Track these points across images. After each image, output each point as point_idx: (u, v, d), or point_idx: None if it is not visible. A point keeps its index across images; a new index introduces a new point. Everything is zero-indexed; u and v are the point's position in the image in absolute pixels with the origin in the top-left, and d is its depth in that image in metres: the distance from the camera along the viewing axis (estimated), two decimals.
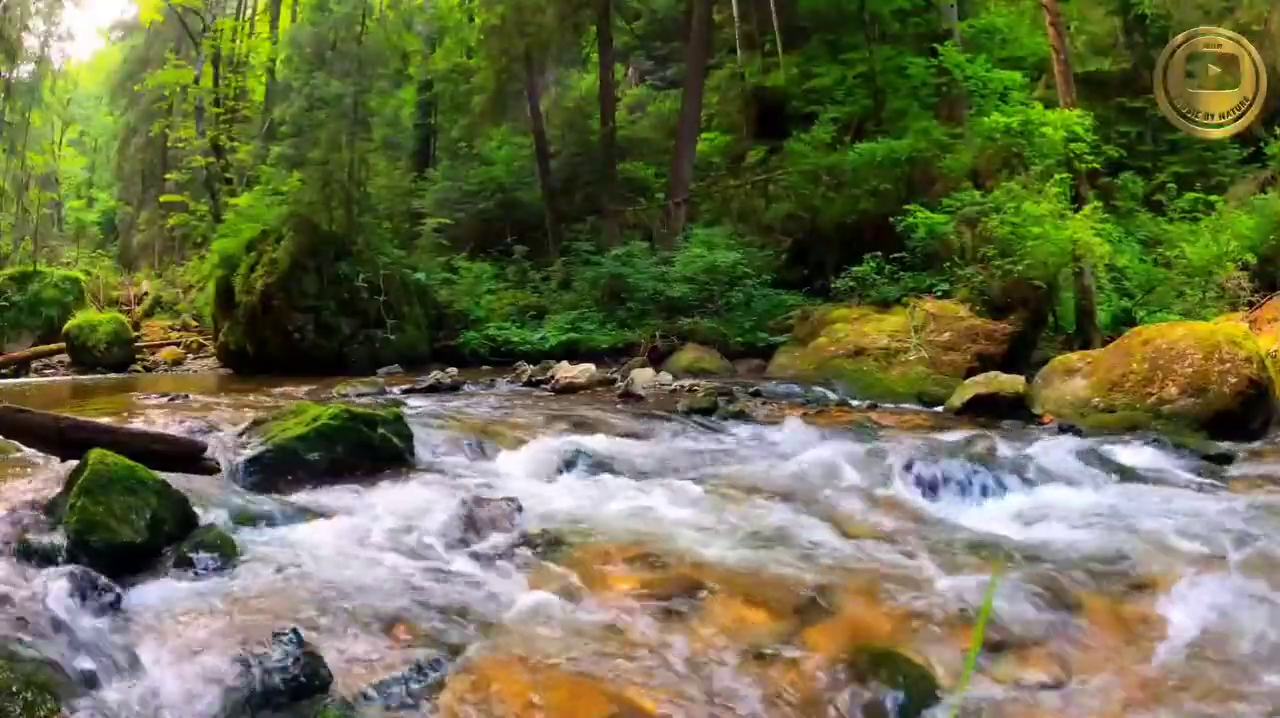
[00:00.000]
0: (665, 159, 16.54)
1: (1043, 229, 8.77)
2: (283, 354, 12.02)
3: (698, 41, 15.83)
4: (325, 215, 12.99)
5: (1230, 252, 9.38)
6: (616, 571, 3.04)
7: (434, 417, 5.95)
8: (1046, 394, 6.67)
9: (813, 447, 5.15)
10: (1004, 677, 2.32)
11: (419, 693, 2.15)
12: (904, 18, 14.39)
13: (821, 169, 12.93)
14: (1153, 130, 13.39)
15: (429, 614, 2.60)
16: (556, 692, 2.15)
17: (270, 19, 24.92)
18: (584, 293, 13.59)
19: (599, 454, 4.73)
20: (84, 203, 33.01)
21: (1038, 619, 2.64)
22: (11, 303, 18.88)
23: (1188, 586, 2.83)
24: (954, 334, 8.87)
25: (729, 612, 2.66)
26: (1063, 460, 4.71)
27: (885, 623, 2.62)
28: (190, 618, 2.51)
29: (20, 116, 24.19)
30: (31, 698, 1.96)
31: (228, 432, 4.95)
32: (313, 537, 3.32)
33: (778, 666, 2.33)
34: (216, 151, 21.50)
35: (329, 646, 2.33)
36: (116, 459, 3.11)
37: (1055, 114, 9.68)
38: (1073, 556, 3.18)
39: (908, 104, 13.08)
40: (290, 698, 2.04)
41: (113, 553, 2.83)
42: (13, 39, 22.98)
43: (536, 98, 17.75)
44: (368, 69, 14.26)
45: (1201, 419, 5.74)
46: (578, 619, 2.61)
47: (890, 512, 3.89)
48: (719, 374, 9.80)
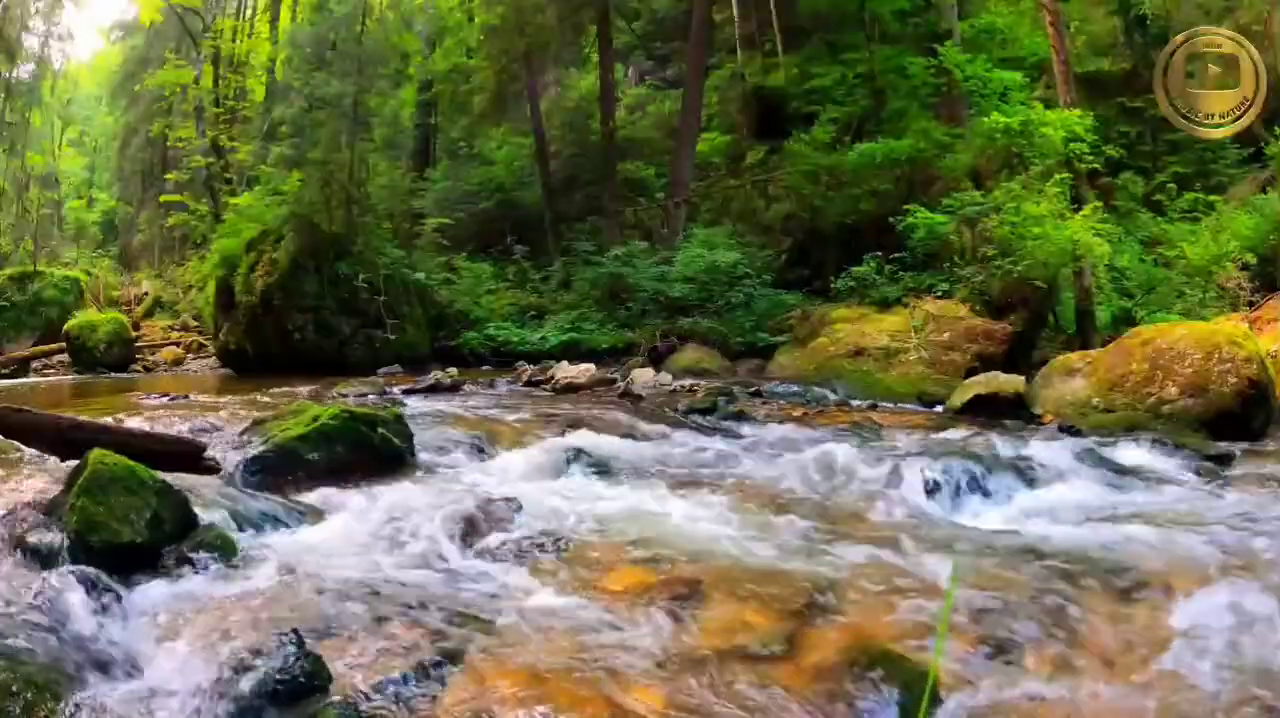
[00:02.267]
0: (665, 159, 16.54)
1: (1043, 229, 8.77)
2: (283, 354, 12.02)
3: (698, 41, 15.83)
4: (325, 215, 12.99)
5: (1230, 252, 9.39)
6: (617, 570, 3.04)
7: (434, 417, 5.96)
8: (1046, 394, 6.66)
9: (812, 447, 5.15)
10: (1003, 677, 2.31)
11: (419, 693, 2.15)
12: (904, 18, 14.41)
13: (821, 169, 12.93)
14: (1153, 130, 13.40)
15: (429, 614, 2.60)
16: (556, 692, 2.15)
17: (270, 19, 24.92)
18: (584, 293, 13.60)
19: (599, 454, 4.73)
20: (84, 203, 32.99)
21: (1037, 619, 2.64)
22: (11, 303, 18.89)
23: (1188, 586, 2.83)
24: (954, 334, 8.87)
25: (729, 612, 2.66)
26: (1063, 460, 4.71)
27: (885, 623, 2.62)
28: (190, 618, 2.51)
29: (20, 116, 24.19)
30: (31, 698, 1.96)
31: (228, 432, 4.95)
32: (313, 537, 3.32)
33: (778, 666, 2.33)
34: (216, 151, 21.49)
35: (329, 646, 2.33)
36: (117, 459, 3.10)
37: (1055, 114, 9.69)
38: (1072, 556, 3.18)
39: (908, 104, 13.08)
40: (290, 698, 2.04)
41: (113, 553, 2.82)
42: (13, 39, 22.98)
43: (536, 98, 17.75)
44: (368, 69, 14.25)
45: (1201, 419, 5.74)
46: (578, 619, 2.61)
47: (890, 512, 3.89)
48: (719, 374, 9.80)
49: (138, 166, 28.72)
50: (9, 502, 3.22)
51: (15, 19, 23.21)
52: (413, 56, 19.33)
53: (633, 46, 20.91)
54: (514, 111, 19.44)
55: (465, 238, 16.49)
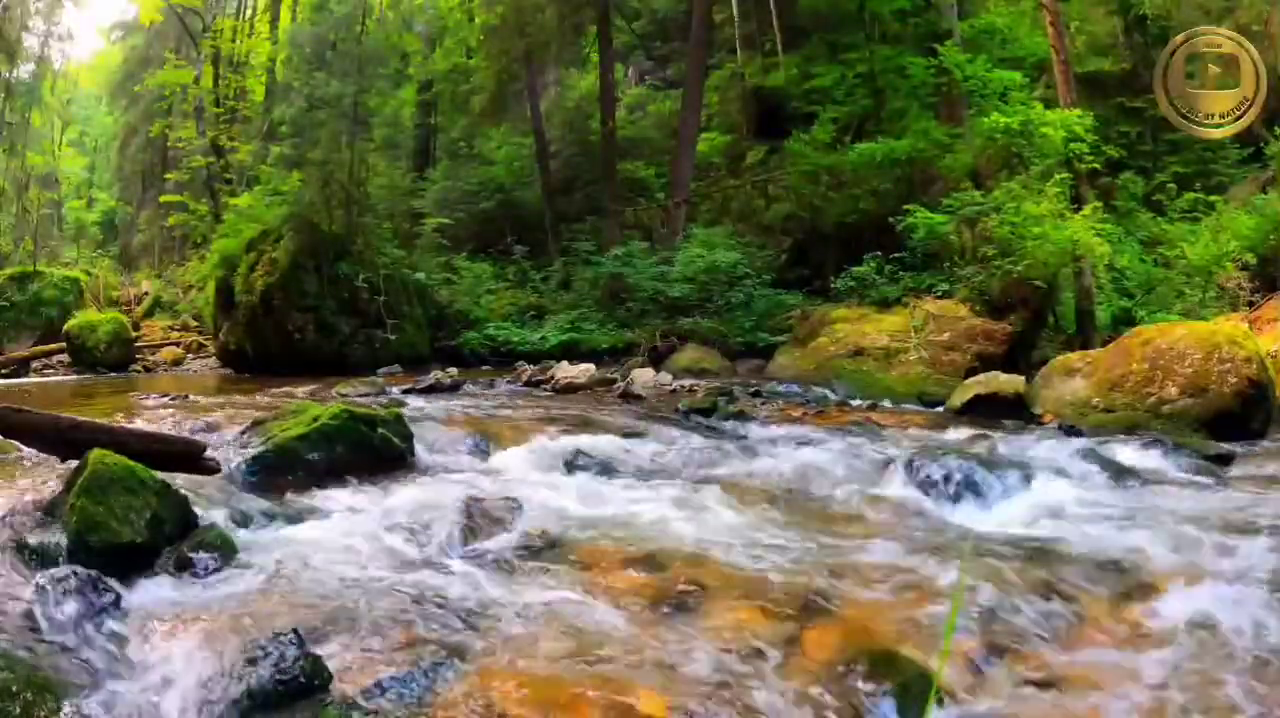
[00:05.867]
0: (665, 159, 16.54)
1: (1043, 229, 8.77)
2: (283, 354, 12.01)
3: (698, 41, 15.83)
4: (325, 215, 12.99)
5: (1230, 252, 9.39)
6: (617, 571, 3.04)
7: (434, 417, 5.95)
8: (1046, 394, 6.67)
9: (812, 447, 5.15)
10: (1004, 677, 2.32)
11: (419, 693, 2.15)
12: (904, 18, 14.39)
13: (821, 169, 12.93)
14: (1153, 130, 13.41)
15: (429, 614, 2.60)
16: (556, 692, 2.15)
17: (270, 19, 24.91)
18: (584, 293, 13.60)
19: (599, 454, 4.73)
20: (84, 203, 33.01)
21: (1037, 619, 2.64)
22: (11, 303, 18.88)
23: (1188, 586, 2.83)
24: (954, 334, 8.87)
25: (729, 612, 2.66)
26: (1062, 460, 4.71)
27: (885, 623, 2.62)
28: (190, 618, 2.51)
29: (20, 116, 24.19)
30: (31, 698, 1.96)
31: (228, 432, 4.94)
32: (313, 537, 3.32)
33: (778, 666, 2.33)
34: (216, 151, 21.49)
35: (329, 646, 2.33)
36: (117, 459, 3.10)
37: (1055, 114, 9.68)
38: (1073, 555, 3.18)
39: (908, 104, 13.08)
40: (290, 698, 2.04)
41: (113, 553, 2.82)
42: (13, 39, 22.97)
43: (536, 98, 17.75)
44: (368, 69, 14.24)
45: (1201, 419, 5.74)
46: (578, 619, 2.61)
47: (890, 512, 3.89)
48: (719, 374, 9.80)
49: (138, 166, 28.71)
50: (9, 502, 3.21)
51: (15, 19, 23.20)
52: (413, 56, 19.33)
53: (633, 46, 20.91)
54: (514, 111, 19.43)
55: (465, 238, 16.50)
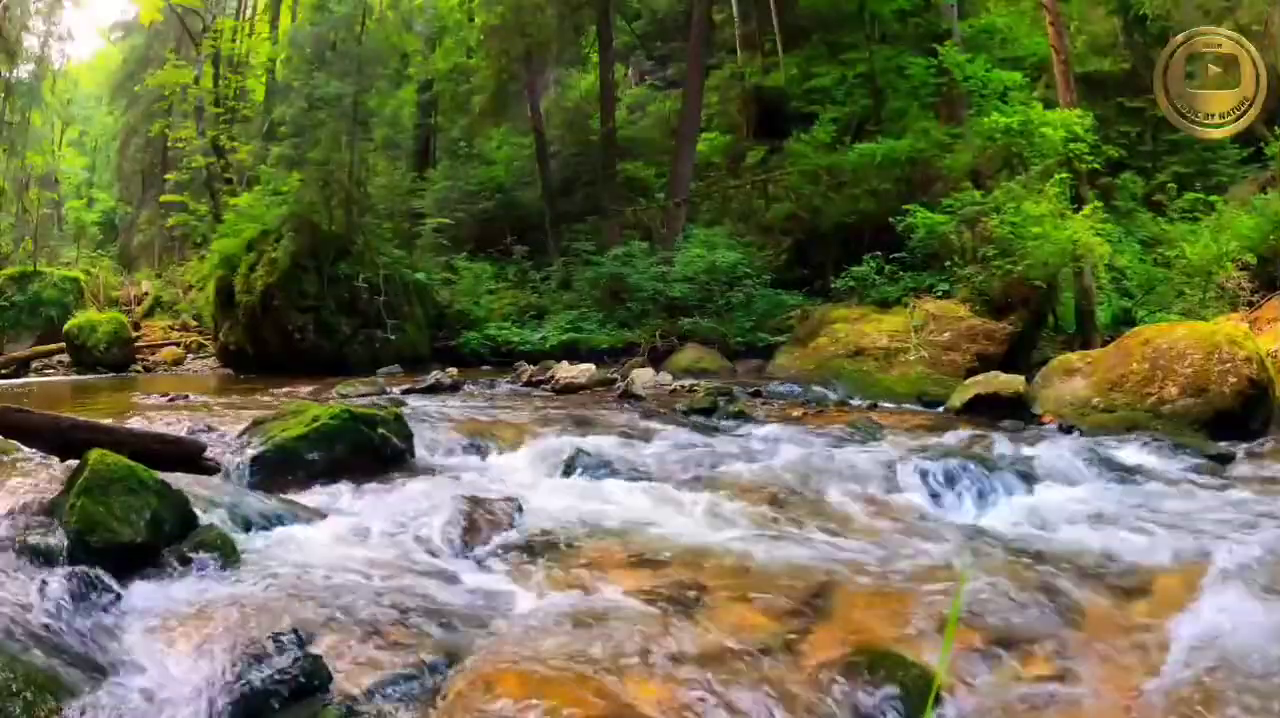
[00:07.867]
0: (665, 159, 16.53)
1: (1043, 229, 8.77)
2: (283, 354, 12.02)
3: (698, 41, 15.83)
4: (325, 216, 12.99)
5: (1230, 252, 9.38)
6: (617, 571, 3.04)
7: (434, 417, 5.95)
8: (1046, 394, 6.67)
9: (812, 447, 5.15)
10: (1004, 677, 2.31)
11: (419, 693, 2.15)
12: (904, 18, 14.39)
13: (821, 169, 12.94)
14: (1153, 130, 13.42)
15: (429, 614, 2.60)
16: (556, 692, 2.15)
17: (270, 19, 24.90)
18: (584, 293, 13.60)
19: (599, 454, 4.73)
20: (84, 203, 32.96)
21: (1038, 620, 2.64)
22: (11, 303, 18.88)
23: (1187, 586, 2.83)
24: (954, 334, 8.87)
25: (729, 612, 2.66)
26: (1063, 460, 4.72)
27: (886, 623, 2.62)
28: (190, 618, 2.51)
29: (20, 116, 24.16)
30: (31, 698, 1.96)
31: (228, 432, 4.95)
32: (313, 537, 3.32)
33: (778, 666, 2.33)
34: (216, 151, 21.49)
35: (329, 646, 2.33)
36: (116, 459, 3.10)
37: (1055, 114, 9.69)
38: (1073, 555, 3.18)
39: (908, 104, 13.08)
40: (290, 698, 2.04)
41: (113, 553, 2.82)
42: (13, 39, 22.97)
43: (536, 98, 17.73)
44: (368, 69, 14.25)
45: (1201, 419, 5.74)
46: (578, 619, 2.60)
47: (890, 512, 3.89)
48: (719, 374, 9.81)
49: (138, 166, 28.70)
50: (9, 502, 3.21)
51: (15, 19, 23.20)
52: (413, 56, 19.30)
53: (633, 47, 20.89)
54: (514, 111, 19.42)
55: (465, 238, 16.49)
